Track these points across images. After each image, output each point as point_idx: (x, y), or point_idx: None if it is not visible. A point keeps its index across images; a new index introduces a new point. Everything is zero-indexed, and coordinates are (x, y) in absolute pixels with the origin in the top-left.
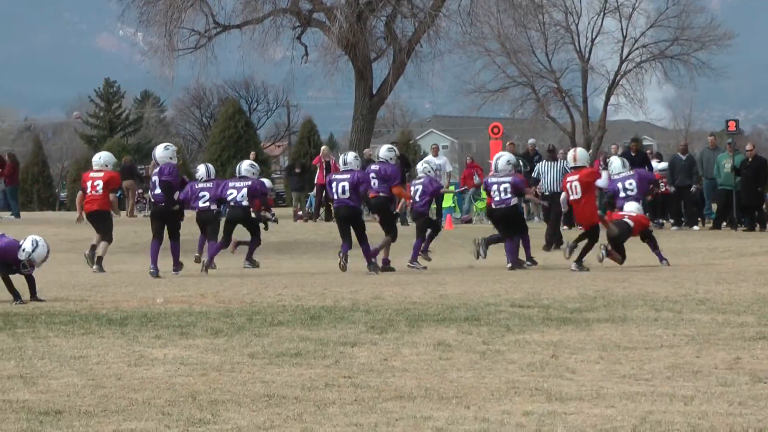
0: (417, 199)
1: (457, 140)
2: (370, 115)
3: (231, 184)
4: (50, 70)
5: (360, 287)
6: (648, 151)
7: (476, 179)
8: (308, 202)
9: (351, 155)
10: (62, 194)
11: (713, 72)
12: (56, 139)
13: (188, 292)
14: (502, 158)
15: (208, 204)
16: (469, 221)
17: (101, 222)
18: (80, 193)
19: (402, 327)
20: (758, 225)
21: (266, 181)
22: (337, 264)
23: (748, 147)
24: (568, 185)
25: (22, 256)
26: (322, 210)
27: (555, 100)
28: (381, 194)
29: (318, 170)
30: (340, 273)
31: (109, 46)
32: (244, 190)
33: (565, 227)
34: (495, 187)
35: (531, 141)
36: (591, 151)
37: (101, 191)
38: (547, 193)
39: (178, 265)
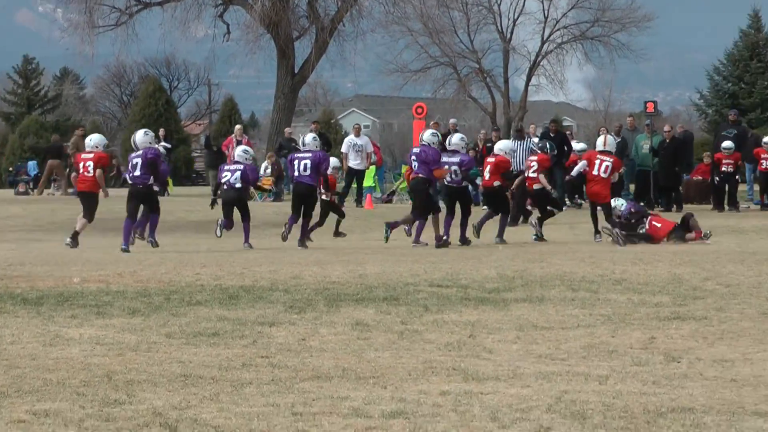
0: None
1: (378, 120)
2: (291, 94)
3: (225, 167)
4: None
5: (279, 267)
6: (567, 132)
7: (373, 157)
8: None
9: (309, 137)
10: None
11: (633, 53)
12: None
13: (106, 271)
14: (455, 136)
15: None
16: (390, 200)
17: (87, 201)
18: (74, 173)
19: (321, 307)
20: (675, 206)
21: (333, 160)
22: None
23: (666, 128)
24: (598, 164)
25: None
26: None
27: (477, 80)
28: (420, 175)
29: (230, 149)
30: (258, 252)
31: (28, 23)
32: (238, 173)
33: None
34: (446, 166)
35: (452, 120)
36: (511, 131)
37: (92, 172)
38: (515, 172)
39: (154, 237)
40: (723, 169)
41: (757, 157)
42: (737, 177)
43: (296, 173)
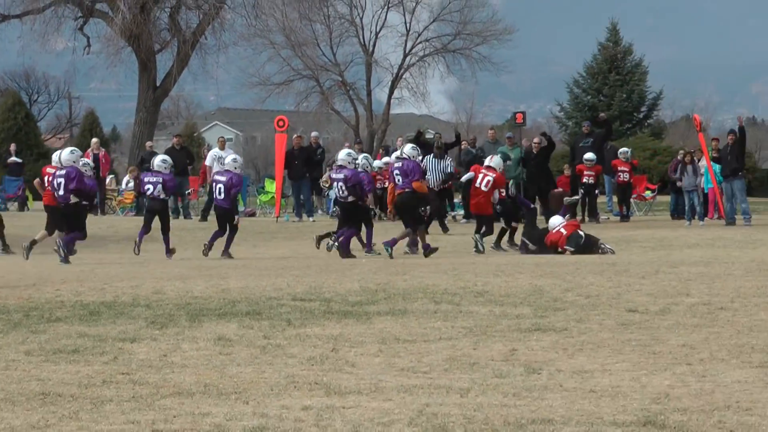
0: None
1: (242, 133)
2: (153, 108)
3: (146, 178)
4: None
5: (141, 282)
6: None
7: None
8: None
9: (230, 158)
10: None
11: (494, 66)
12: None
13: None
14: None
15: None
16: (253, 214)
17: (52, 215)
18: (38, 180)
19: (183, 322)
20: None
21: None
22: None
23: (536, 140)
24: (481, 178)
25: None
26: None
27: (339, 93)
28: (407, 189)
29: None
30: (120, 267)
31: None
32: (159, 186)
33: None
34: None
35: (314, 134)
36: (375, 144)
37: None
38: (434, 188)
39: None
40: (584, 180)
41: (615, 169)
42: (597, 189)
43: (215, 196)
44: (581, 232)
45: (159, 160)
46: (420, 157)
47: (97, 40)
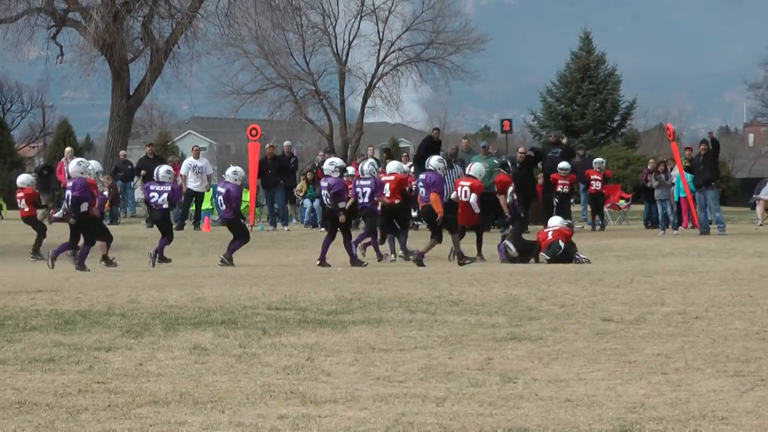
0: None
1: (215, 142)
2: (127, 116)
3: (151, 187)
4: None
5: (116, 291)
6: (404, 154)
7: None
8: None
9: (230, 171)
10: None
11: (467, 75)
12: None
13: None
14: (367, 162)
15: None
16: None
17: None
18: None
19: (158, 331)
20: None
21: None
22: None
23: (521, 150)
24: (460, 189)
25: None
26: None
27: (313, 102)
28: (429, 203)
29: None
30: (95, 276)
31: None
32: (165, 195)
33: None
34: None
35: (287, 143)
36: (348, 153)
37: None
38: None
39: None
40: (558, 189)
41: (588, 178)
42: (572, 198)
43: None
44: (561, 243)
45: (164, 171)
46: (444, 169)
47: (70, 49)
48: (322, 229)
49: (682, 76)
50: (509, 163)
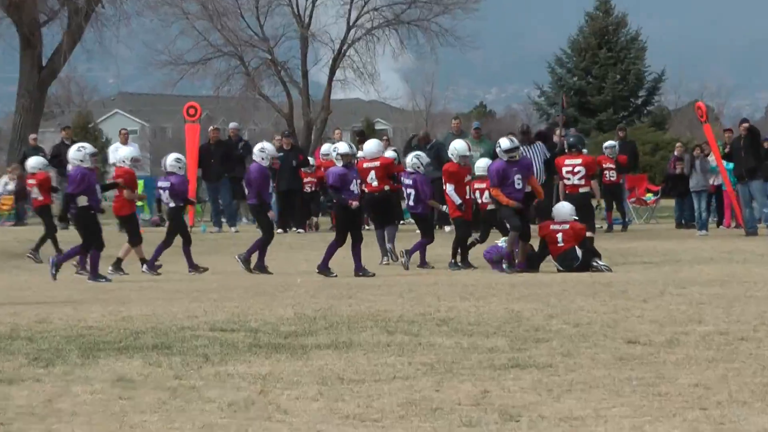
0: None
1: (148, 124)
2: (38, 92)
3: (159, 183)
4: None
5: (22, 308)
6: (384, 138)
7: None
8: None
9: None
10: None
11: (458, 41)
12: None
13: None
14: (411, 156)
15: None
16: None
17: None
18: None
19: (73, 358)
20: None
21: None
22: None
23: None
24: None
25: None
26: None
27: (269, 74)
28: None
29: None
30: None
31: None
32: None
33: None
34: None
35: (232, 125)
36: (312, 136)
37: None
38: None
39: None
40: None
41: (600, 166)
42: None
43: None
44: (578, 251)
45: (172, 159)
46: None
47: None
48: (280, 230)
49: (721, 44)
50: (578, 143)
